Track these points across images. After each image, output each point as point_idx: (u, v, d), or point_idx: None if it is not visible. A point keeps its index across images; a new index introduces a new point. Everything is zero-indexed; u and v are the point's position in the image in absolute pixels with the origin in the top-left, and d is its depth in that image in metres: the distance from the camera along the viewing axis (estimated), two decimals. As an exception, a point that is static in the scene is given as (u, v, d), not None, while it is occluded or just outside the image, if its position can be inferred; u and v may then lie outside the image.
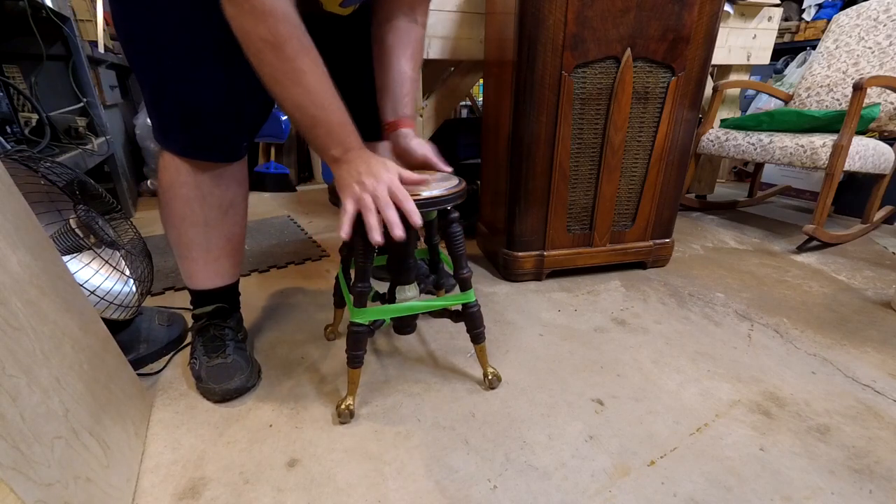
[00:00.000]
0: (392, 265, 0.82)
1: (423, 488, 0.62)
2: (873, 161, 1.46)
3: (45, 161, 0.78)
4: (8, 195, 0.55)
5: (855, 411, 0.76)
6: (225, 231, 0.80)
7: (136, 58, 0.66)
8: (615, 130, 1.13)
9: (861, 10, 1.76)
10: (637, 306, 1.11)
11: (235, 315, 0.88)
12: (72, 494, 0.46)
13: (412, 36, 0.81)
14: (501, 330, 1.01)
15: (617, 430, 0.72)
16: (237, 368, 0.78)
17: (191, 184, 0.74)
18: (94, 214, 0.80)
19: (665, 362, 0.89)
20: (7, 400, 0.41)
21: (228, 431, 0.72)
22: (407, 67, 0.80)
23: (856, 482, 0.63)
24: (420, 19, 0.82)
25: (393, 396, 0.80)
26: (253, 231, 1.65)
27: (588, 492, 0.61)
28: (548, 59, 1.03)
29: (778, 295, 1.18)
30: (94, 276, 0.82)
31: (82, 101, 1.51)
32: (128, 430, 0.65)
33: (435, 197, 0.67)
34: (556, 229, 1.21)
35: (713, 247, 1.53)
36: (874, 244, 1.57)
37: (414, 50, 0.81)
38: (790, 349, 0.94)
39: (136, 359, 0.84)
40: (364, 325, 0.72)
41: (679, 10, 1.05)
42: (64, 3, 1.43)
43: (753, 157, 1.56)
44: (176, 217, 0.76)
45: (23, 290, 0.50)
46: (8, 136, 1.20)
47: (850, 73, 1.70)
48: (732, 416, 0.75)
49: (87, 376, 0.58)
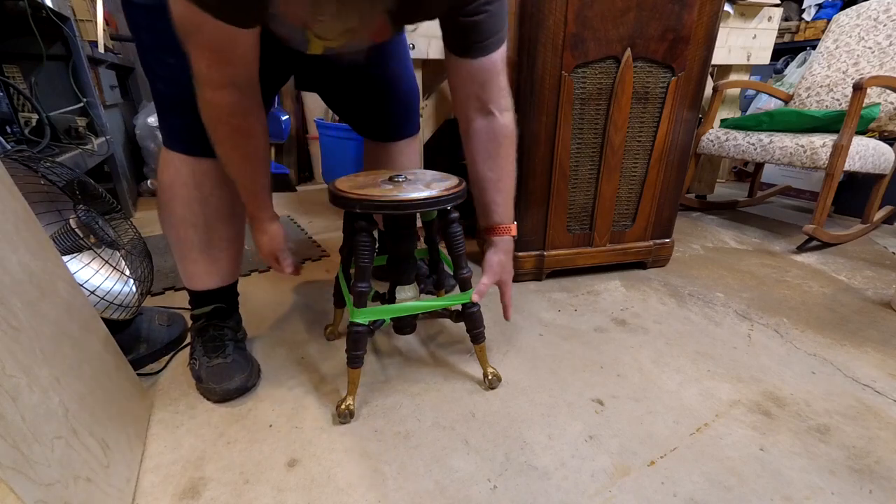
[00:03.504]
0: (392, 265, 0.82)
1: (423, 488, 0.62)
2: (873, 161, 1.46)
3: (45, 161, 0.78)
4: (8, 195, 0.55)
5: (855, 411, 0.76)
6: (225, 232, 0.79)
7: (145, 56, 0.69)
8: (615, 130, 1.13)
9: (861, 10, 1.75)
10: (637, 306, 1.11)
11: (234, 315, 0.88)
12: (72, 494, 0.46)
13: (490, 134, 0.74)
14: (501, 330, 1.01)
15: (617, 430, 0.72)
16: (237, 368, 0.78)
17: (191, 184, 0.73)
18: (94, 214, 0.80)
19: (665, 362, 0.89)
20: (7, 400, 0.41)
21: (228, 431, 0.72)
22: (486, 171, 0.75)
23: (856, 482, 0.63)
24: (497, 109, 0.73)
25: (393, 396, 0.80)
26: (253, 231, 1.65)
27: (588, 492, 0.61)
28: (548, 59, 1.03)
29: (778, 295, 1.18)
30: (94, 276, 0.82)
31: (82, 101, 1.51)
32: (128, 430, 0.65)
33: (434, 197, 0.67)
34: (556, 229, 1.21)
35: (713, 247, 1.53)
36: (874, 244, 1.57)
37: (492, 150, 0.74)
38: (790, 349, 0.94)
39: (136, 359, 0.84)
40: (364, 325, 0.72)
41: (679, 10, 1.05)
42: (64, 3, 1.43)
43: (753, 157, 1.56)
44: (176, 218, 0.75)
45: (23, 290, 0.50)
46: (8, 136, 1.20)
47: (850, 73, 1.70)
48: (732, 416, 0.75)
49: (87, 376, 0.58)
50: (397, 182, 0.72)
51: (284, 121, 2.23)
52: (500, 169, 0.76)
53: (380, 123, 0.99)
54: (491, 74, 0.69)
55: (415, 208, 0.67)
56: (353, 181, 0.74)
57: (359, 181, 0.74)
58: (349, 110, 0.99)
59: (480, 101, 0.71)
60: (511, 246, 0.80)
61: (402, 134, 1.01)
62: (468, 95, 0.72)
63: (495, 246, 0.79)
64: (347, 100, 0.97)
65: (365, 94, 0.93)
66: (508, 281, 0.81)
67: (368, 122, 1.00)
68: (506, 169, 0.76)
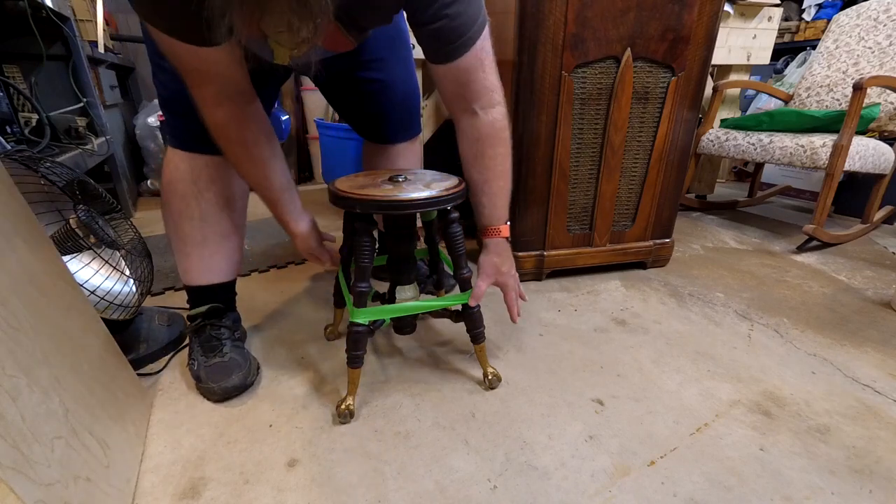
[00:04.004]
0: (392, 265, 0.82)
1: (422, 488, 0.62)
2: (873, 161, 1.46)
3: (45, 161, 0.78)
4: (8, 195, 0.55)
5: (855, 411, 0.76)
6: (221, 228, 0.80)
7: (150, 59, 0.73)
8: (615, 130, 1.13)
9: (861, 10, 1.75)
10: (637, 306, 1.11)
11: (231, 314, 0.88)
12: (72, 494, 0.46)
13: (474, 134, 0.72)
14: (501, 330, 1.01)
15: (617, 430, 0.72)
16: (235, 366, 0.78)
17: (188, 180, 0.76)
18: (94, 214, 0.80)
19: (665, 362, 0.89)
20: (7, 400, 0.41)
21: (228, 431, 0.72)
22: (473, 173, 0.75)
23: (856, 482, 0.63)
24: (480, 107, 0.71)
25: (393, 396, 0.80)
26: (253, 231, 1.65)
27: (588, 492, 0.61)
28: (548, 59, 1.03)
29: (778, 295, 1.18)
30: (94, 276, 0.82)
31: (82, 101, 1.51)
32: (128, 430, 0.65)
33: (434, 197, 0.67)
34: (556, 229, 1.21)
35: (713, 247, 1.53)
36: (874, 244, 1.57)
37: (478, 150, 0.73)
38: (790, 349, 0.94)
39: (136, 359, 0.84)
40: (364, 325, 0.72)
41: (679, 10, 1.05)
42: (64, 3, 1.43)
43: (753, 157, 1.56)
44: (173, 212, 0.78)
45: (23, 290, 0.50)
46: (8, 136, 1.20)
47: (850, 73, 1.70)
48: (732, 416, 0.75)
49: (87, 376, 0.58)
50: (397, 182, 0.72)
51: (284, 121, 2.23)
52: (487, 170, 0.74)
53: (378, 126, 0.99)
54: (468, 75, 0.67)
55: (415, 208, 0.67)
56: (353, 181, 0.74)
57: (359, 181, 0.74)
58: (348, 111, 1.00)
59: (464, 100, 0.70)
60: (503, 247, 0.79)
61: (402, 137, 1.01)
62: (453, 97, 0.71)
63: (486, 248, 0.79)
64: (346, 102, 0.97)
65: (363, 96, 0.93)
66: (509, 283, 0.80)
67: (367, 124, 1.00)
68: (494, 170, 0.74)
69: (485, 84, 0.69)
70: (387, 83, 0.91)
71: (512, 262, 0.80)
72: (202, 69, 0.58)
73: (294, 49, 0.47)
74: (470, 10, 0.62)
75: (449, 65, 0.66)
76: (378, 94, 0.92)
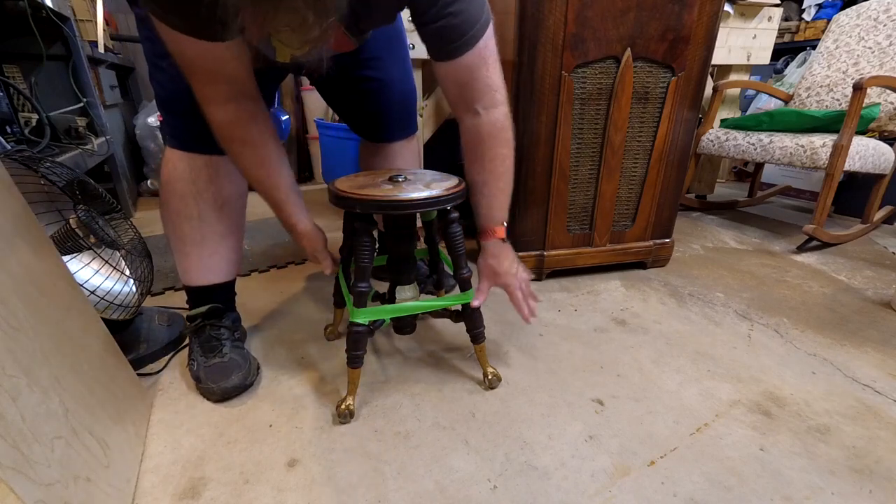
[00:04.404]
0: (392, 265, 0.82)
1: (423, 488, 0.62)
2: (873, 161, 1.46)
3: (45, 161, 0.78)
4: (8, 195, 0.55)
5: (855, 411, 0.76)
6: (219, 227, 0.80)
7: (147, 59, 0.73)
8: (615, 130, 1.13)
9: (861, 10, 1.75)
10: (637, 306, 1.11)
11: (231, 315, 0.88)
12: (72, 494, 0.46)
13: (475, 135, 0.72)
14: (501, 330, 1.01)
15: (617, 430, 0.72)
16: (235, 366, 0.78)
17: (187, 179, 0.76)
18: (94, 214, 0.80)
19: (665, 362, 0.89)
20: (7, 400, 0.41)
21: (228, 431, 0.72)
22: (473, 174, 0.75)
23: (856, 482, 0.63)
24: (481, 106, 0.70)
25: (393, 396, 0.80)
26: (253, 231, 1.65)
27: (588, 492, 0.61)
28: (548, 59, 1.03)
29: (778, 295, 1.18)
30: (94, 276, 0.82)
31: (82, 101, 1.51)
32: (128, 430, 0.65)
33: (434, 197, 0.67)
34: (556, 229, 1.21)
35: (713, 247, 1.53)
36: (874, 244, 1.57)
37: (478, 152, 0.73)
38: (790, 349, 0.94)
39: (136, 359, 0.84)
40: (364, 325, 0.72)
41: (679, 10, 1.05)
42: (64, 3, 1.43)
43: (753, 157, 1.56)
44: (172, 212, 0.78)
45: (23, 290, 0.50)
46: (8, 136, 1.20)
47: (850, 73, 1.70)
48: (732, 416, 0.75)
49: (87, 376, 0.58)
50: (397, 182, 0.72)
51: (284, 121, 2.23)
52: (486, 172, 0.74)
53: (376, 124, 0.99)
54: (471, 73, 0.67)
55: (415, 208, 0.67)
56: (353, 181, 0.74)
57: (359, 181, 0.74)
58: (346, 110, 1.00)
59: (465, 100, 0.70)
60: (499, 248, 0.78)
61: (399, 135, 1.01)
62: (455, 97, 0.71)
63: (483, 250, 0.79)
64: (344, 100, 0.97)
65: (360, 95, 0.93)
66: (511, 283, 0.79)
67: (364, 122, 1.00)
68: (494, 171, 0.74)
69: (487, 83, 0.69)
70: (384, 82, 0.92)
71: (512, 262, 0.80)
72: (211, 68, 0.58)
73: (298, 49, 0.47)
74: (472, 9, 0.62)
75: (451, 62, 0.66)
76: (376, 92, 0.92)
